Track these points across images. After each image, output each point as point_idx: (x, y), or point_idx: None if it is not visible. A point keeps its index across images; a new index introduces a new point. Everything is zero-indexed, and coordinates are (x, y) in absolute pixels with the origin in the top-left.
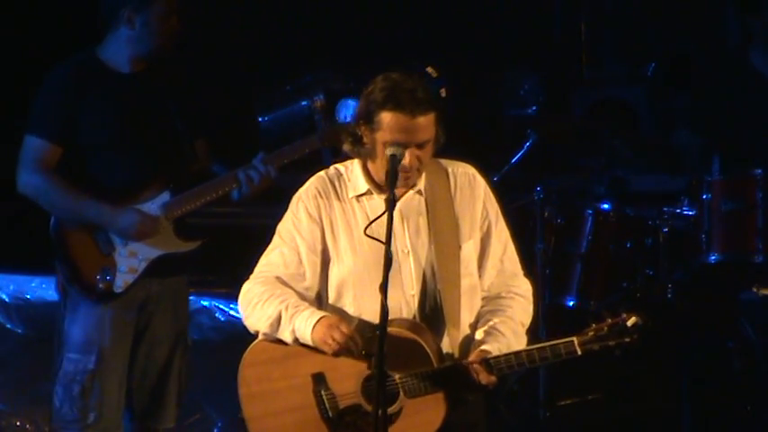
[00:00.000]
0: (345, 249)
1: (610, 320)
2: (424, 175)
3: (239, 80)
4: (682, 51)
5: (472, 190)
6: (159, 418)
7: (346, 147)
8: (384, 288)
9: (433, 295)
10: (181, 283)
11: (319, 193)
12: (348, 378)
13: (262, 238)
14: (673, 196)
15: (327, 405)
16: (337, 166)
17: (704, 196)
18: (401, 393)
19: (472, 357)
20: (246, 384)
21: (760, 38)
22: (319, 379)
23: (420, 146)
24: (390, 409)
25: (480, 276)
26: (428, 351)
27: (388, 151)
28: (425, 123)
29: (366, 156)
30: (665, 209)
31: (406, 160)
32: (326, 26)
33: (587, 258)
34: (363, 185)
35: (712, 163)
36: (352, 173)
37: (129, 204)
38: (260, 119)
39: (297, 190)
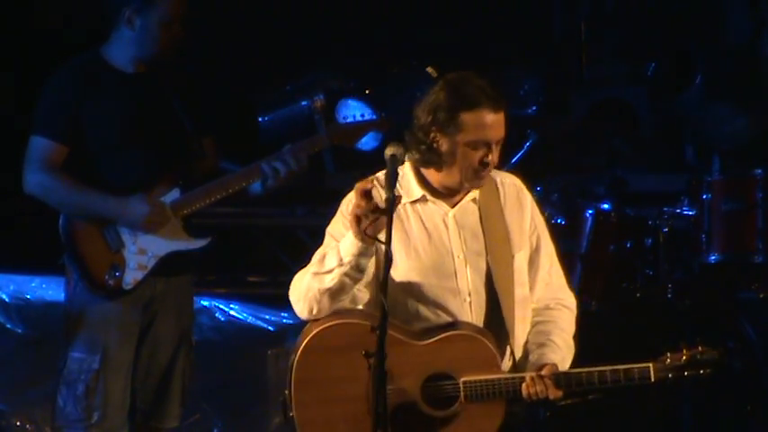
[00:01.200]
0: (400, 254)
1: (686, 351)
2: None
3: (239, 80)
4: (682, 51)
5: (520, 201)
6: (162, 417)
7: (415, 155)
8: (383, 288)
9: (490, 304)
10: (186, 283)
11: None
12: (408, 375)
13: (262, 238)
14: (673, 196)
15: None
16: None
17: (704, 196)
18: (461, 397)
19: (545, 371)
20: (303, 369)
21: None
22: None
23: (497, 143)
24: (446, 413)
25: (530, 288)
26: (498, 357)
27: (389, 151)
28: (502, 119)
29: (439, 163)
30: (665, 209)
31: (490, 157)
32: (326, 26)
33: (587, 258)
34: (418, 191)
35: (712, 163)
36: (404, 178)
37: None
38: (260, 119)
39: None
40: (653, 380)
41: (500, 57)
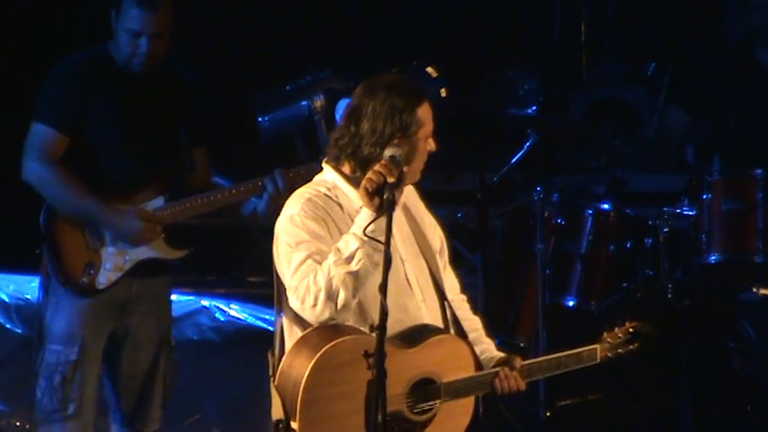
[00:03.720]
0: None
1: (617, 329)
2: None
3: (239, 80)
4: (682, 51)
5: (417, 201)
6: (146, 421)
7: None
8: (383, 289)
9: (435, 302)
10: (163, 284)
11: (317, 206)
12: (397, 383)
13: (262, 238)
14: (673, 196)
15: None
16: (315, 186)
17: (704, 196)
18: (441, 398)
19: (517, 365)
20: (308, 390)
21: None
22: (373, 384)
23: None
24: (426, 416)
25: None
26: (473, 356)
27: (388, 152)
28: None
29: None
30: (665, 209)
31: (433, 144)
32: (326, 26)
33: (587, 258)
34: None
35: (712, 163)
36: (338, 190)
37: (123, 203)
38: (260, 119)
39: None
40: (598, 360)
41: (500, 57)
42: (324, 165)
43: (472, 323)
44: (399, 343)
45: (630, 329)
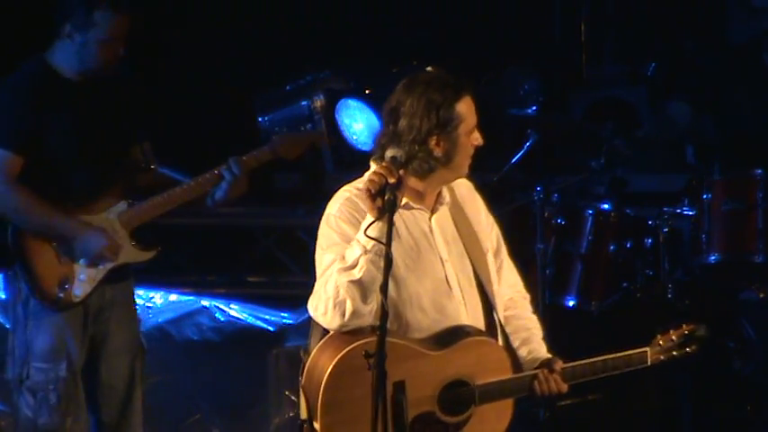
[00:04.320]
0: (395, 263)
1: (672, 331)
2: None
3: (239, 80)
4: (682, 51)
5: (475, 200)
6: (128, 428)
7: (415, 168)
8: (384, 289)
9: (477, 303)
10: (130, 288)
11: (356, 208)
12: (427, 385)
13: (262, 238)
14: (673, 196)
15: (403, 413)
16: (358, 185)
17: (704, 196)
18: (476, 400)
19: (557, 367)
20: (328, 391)
21: None
22: (400, 387)
23: None
24: (460, 418)
25: (497, 283)
26: (509, 359)
27: (389, 153)
28: None
29: (433, 168)
30: (665, 209)
31: (479, 137)
32: (326, 26)
33: (587, 258)
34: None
35: (712, 163)
36: None
37: (86, 213)
38: (260, 119)
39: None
40: (649, 363)
41: (500, 57)
42: (371, 163)
43: (526, 322)
44: (432, 345)
45: (686, 332)
